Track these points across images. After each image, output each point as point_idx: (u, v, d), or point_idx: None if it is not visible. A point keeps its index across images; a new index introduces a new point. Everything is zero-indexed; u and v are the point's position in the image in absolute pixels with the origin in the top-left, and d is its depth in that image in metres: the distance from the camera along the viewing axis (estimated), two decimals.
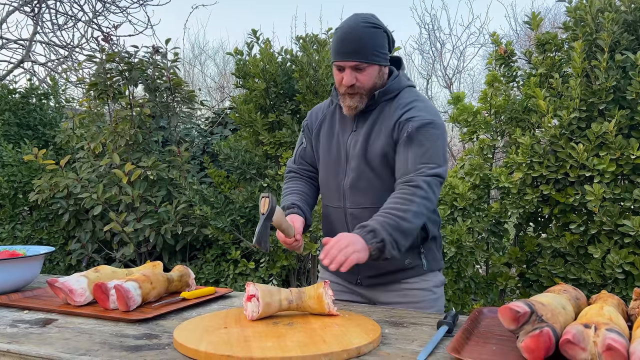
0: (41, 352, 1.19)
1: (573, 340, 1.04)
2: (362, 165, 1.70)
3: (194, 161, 3.89)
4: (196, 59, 12.73)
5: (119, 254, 3.29)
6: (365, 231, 1.47)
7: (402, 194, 1.55)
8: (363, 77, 1.64)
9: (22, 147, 3.82)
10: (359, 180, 1.71)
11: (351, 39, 1.61)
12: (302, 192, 1.85)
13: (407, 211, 1.50)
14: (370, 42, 1.62)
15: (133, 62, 3.35)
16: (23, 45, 6.18)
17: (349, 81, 1.63)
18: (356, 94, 1.66)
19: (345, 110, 1.71)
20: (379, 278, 1.76)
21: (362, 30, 1.61)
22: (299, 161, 1.92)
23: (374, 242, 1.45)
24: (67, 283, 1.56)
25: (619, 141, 2.32)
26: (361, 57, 1.61)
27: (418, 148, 1.59)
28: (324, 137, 1.82)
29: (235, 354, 1.11)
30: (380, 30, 1.64)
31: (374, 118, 1.70)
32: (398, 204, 1.52)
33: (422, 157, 1.58)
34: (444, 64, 8.58)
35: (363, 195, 1.71)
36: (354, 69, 1.63)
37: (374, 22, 1.64)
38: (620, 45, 2.44)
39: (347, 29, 1.62)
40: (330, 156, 1.79)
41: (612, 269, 2.33)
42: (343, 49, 1.62)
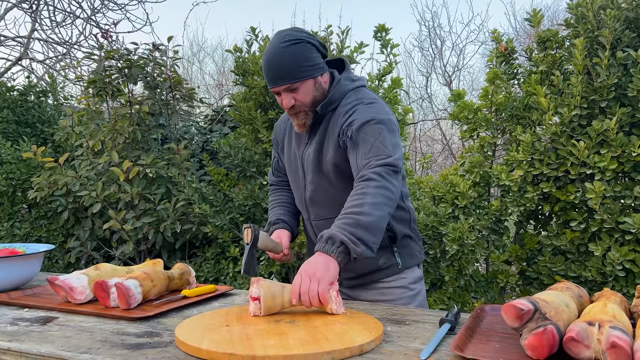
0: (42, 350, 1.19)
1: (577, 337, 1.03)
2: (317, 178, 1.72)
3: (193, 159, 3.88)
4: (195, 56, 12.71)
5: (118, 252, 3.28)
6: (322, 242, 1.43)
7: (354, 191, 1.51)
8: (299, 95, 1.63)
9: (21, 145, 3.80)
10: (317, 192, 1.74)
11: (274, 63, 1.59)
12: (286, 203, 1.92)
13: (362, 205, 1.45)
14: (293, 60, 1.59)
15: (132, 60, 3.33)
16: (21, 43, 6.15)
17: (287, 103, 1.64)
18: (300, 112, 1.67)
19: (297, 129, 1.73)
20: (357, 279, 1.80)
21: (281, 52, 1.58)
22: (276, 174, 1.99)
23: (334, 249, 1.40)
24: (67, 281, 1.55)
25: (619, 139, 2.32)
26: (288, 78, 1.60)
27: (363, 146, 1.56)
28: (286, 151, 1.86)
29: (238, 352, 1.10)
30: (301, 44, 1.60)
31: (323, 130, 1.70)
32: (352, 201, 1.48)
33: (368, 153, 1.55)
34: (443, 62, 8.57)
35: (323, 207, 1.74)
36: (288, 90, 1.62)
37: (293, 38, 1.60)
38: (621, 42, 2.43)
39: (268, 54, 1.61)
40: (291, 170, 1.83)
41: (612, 266, 2.32)
42: (270, 75, 1.62)
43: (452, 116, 3.06)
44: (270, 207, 1.93)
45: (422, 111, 9.11)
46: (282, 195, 1.95)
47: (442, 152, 8.03)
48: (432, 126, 8.80)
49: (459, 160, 3.08)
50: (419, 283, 1.83)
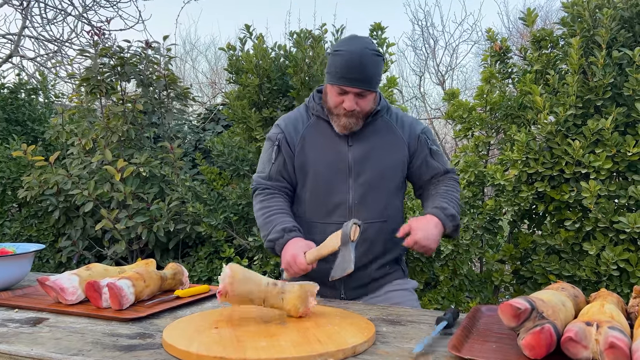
0: (32, 352, 1.16)
1: (575, 338, 1.03)
2: (371, 180, 1.73)
3: (186, 158, 3.85)
4: (187, 54, 12.65)
5: (110, 252, 3.25)
6: (445, 215, 1.66)
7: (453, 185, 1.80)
8: (364, 102, 1.69)
9: (11, 143, 3.76)
10: (368, 194, 1.73)
11: (358, 65, 1.62)
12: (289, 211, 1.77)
13: (459, 199, 1.79)
14: (374, 70, 1.66)
15: (125, 57, 3.30)
16: (11, 40, 6.09)
17: (351, 106, 1.66)
18: (354, 116, 1.69)
19: (339, 130, 1.72)
20: (362, 288, 1.80)
21: (368, 58, 1.64)
22: (275, 177, 1.79)
23: (451, 225, 1.67)
24: (58, 281, 1.52)
25: (614, 138, 2.32)
26: (366, 85, 1.65)
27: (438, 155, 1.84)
28: (315, 152, 1.75)
29: (229, 355, 1.08)
30: (381, 58, 1.69)
31: (370, 133, 1.76)
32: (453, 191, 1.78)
33: (444, 161, 1.84)
34: (436, 61, 8.58)
35: (370, 210, 1.74)
36: (357, 95, 1.66)
37: (377, 50, 1.68)
38: (617, 42, 2.43)
39: (353, 54, 1.63)
40: (327, 172, 1.73)
41: (606, 265, 2.33)
42: (349, 74, 1.63)
43: (446, 115, 3.06)
44: (271, 213, 1.73)
45: (415, 110, 9.12)
46: (281, 201, 1.77)
47: None
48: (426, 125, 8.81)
49: (453, 159, 3.08)
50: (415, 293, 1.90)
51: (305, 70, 3.16)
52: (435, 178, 1.83)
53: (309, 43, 3.23)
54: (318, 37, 3.23)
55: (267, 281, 1.36)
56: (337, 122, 1.71)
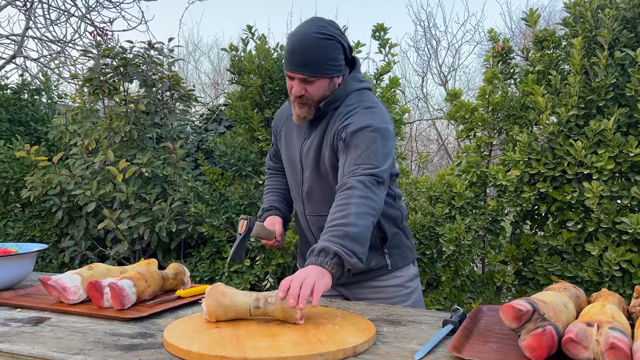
0: (34, 352, 1.17)
1: (576, 339, 1.03)
2: (315, 175, 1.70)
3: (188, 158, 3.86)
4: (190, 55, 12.67)
5: (112, 252, 3.26)
6: (314, 255, 1.38)
7: (337, 201, 1.48)
8: (312, 88, 1.61)
9: (14, 144, 3.77)
10: (314, 189, 1.72)
11: (301, 50, 1.56)
12: (280, 189, 1.93)
13: (348, 216, 1.42)
14: (321, 54, 1.56)
15: (128, 58, 3.31)
16: (15, 41, 6.11)
17: (297, 92, 1.61)
18: (305, 104, 1.64)
19: (295, 119, 1.69)
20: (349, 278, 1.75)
21: (312, 43, 1.55)
22: (273, 159, 1.99)
23: (327, 260, 1.36)
24: (60, 281, 1.53)
25: (617, 139, 2.31)
26: (309, 70, 1.57)
27: (353, 152, 1.54)
28: (285, 141, 1.82)
29: (229, 354, 1.08)
30: (333, 42, 1.57)
31: (323, 127, 1.68)
32: (337, 212, 1.45)
33: (357, 160, 1.53)
34: (439, 62, 8.56)
35: (320, 204, 1.72)
36: (303, 80, 1.60)
37: (328, 33, 1.57)
38: (619, 42, 2.43)
39: (298, 39, 1.57)
40: (289, 162, 1.81)
41: (609, 266, 2.32)
42: (293, 59, 1.58)
43: (448, 116, 3.05)
44: (265, 192, 1.95)
45: (417, 111, 9.12)
46: (276, 181, 1.96)
47: (438, 152, 8.03)
48: (428, 126, 8.80)
49: (455, 160, 3.07)
50: (414, 281, 1.81)
51: None
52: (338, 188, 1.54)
53: None
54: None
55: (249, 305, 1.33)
56: (294, 111, 1.68)
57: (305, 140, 1.72)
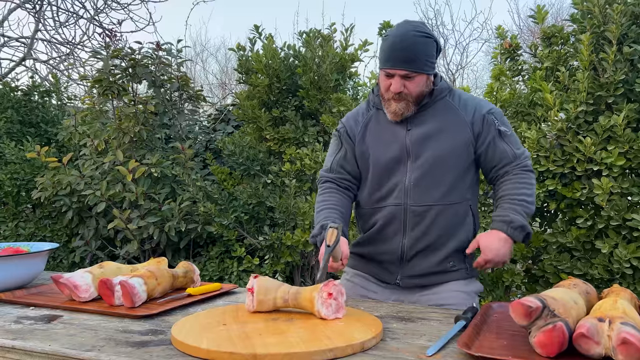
0: (46, 348, 1.18)
1: (587, 334, 1.02)
2: (430, 161, 1.69)
3: (197, 158, 3.88)
4: (198, 56, 12.71)
5: (122, 252, 3.28)
6: (512, 228, 1.60)
7: (523, 178, 1.69)
8: (411, 85, 1.65)
9: (25, 145, 3.81)
10: (425, 177, 1.69)
11: (403, 47, 1.62)
12: (340, 206, 1.77)
13: (533, 195, 1.67)
14: (422, 51, 1.63)
15: (137, 59, 3.33)
16: (25, 43, 6.17)
17: (397, 88, 1.64)
18: (402, 100, 1.67)
19: (390, 116, 1.71)
20: (420, 279, 1.73)
21: (413, 39, 1.62)
22: (337, 170, 1.83)
23: (522, 236, 1.61)
24: (71, 279, 1.55)
25: (627, 134, 2.30)
26: (412, 66, 1.63)
27: (510, 136, 1.73)
28: (374, 139, 1.78)
29: (238, 350, 1.09)
30: (431, 40, 1.65)
31: (430, 115, 1.72)
32: (525, 188, 1.67)
33: (516, 144, 1.73)
34: (447, 60, 8.54)
35: (427, 193, 1.69)
36: (404, 77, 1.64)
37: (425, 31, 1.65)
38: (628, 37, 2.41)
39: (399, 36, 1.63)
40: (387, 156, 1.74)
41: (619, 263, 2.30)
42: (394, 56, 1.63)
43: None
44: (323, 207, 1.76)
45: None
46: (337, 197, 1.79)
47: None
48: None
49: None
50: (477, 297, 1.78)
51: (315, 69, 3.17)
52: (504, 166, 1.71)
53: (318, 42, 3.23)
54: (327, 36, 3.24)
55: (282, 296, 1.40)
56: (388, 109, 1.70)
57: (410, 130, 1.72)
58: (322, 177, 1.87)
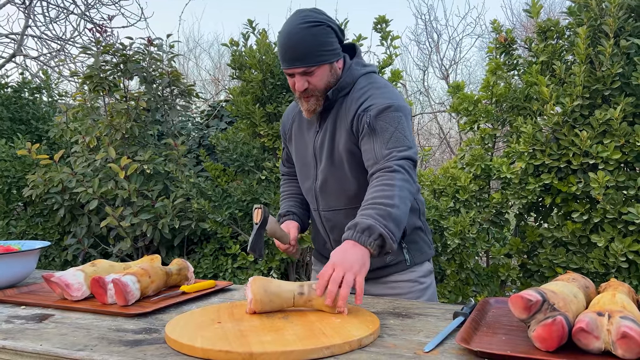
0: (38, 348, 1.16)
1: (586, 328, 1.01)
2: (329, 166, 1.66)
3: (190, 155, 3.84)
4: (191, 52, 12.64)
5: (115, 249, 3.25)
6: (357, 232, 1.35)
7: (380, 181, 1.44)
8: (314, 79, 1.58)
9: (15, 142, 3.76)
10: (329, 181, 1.68)
11: (292, 44, 1.53)
12: (296, 194, 1.88)
13: (393, 197, 1.39)
14: (313, 43, 1.53)
15: (128, 54, 3.29)
16: (15, 39, 6.10)
17: (300, 87, 1.58)
18: (311, 96, 1.61)
19: (305, 114, 1.67)
20: None
21: (301, 33, 1.52)
22: (286, 164, 1.96)
23: (371, 241, 1.34)
24: (63, 278, 1.52)
25: (623, 128, 2.29)
26: (306, 62, 1.54)
27: (382, 135, 1.51)
28: (295, 140, 1.80)
29: (234, 349, 1.06)
30: (322, 27, 1.54)
31: (334, 116, 1.65)
32: (381, 191, 1.42)
33: (388, 142, 1.50)
34: (440, 55, 8.53)
35: (334, 198, 1.68)
36: (303, 74, 1.57)
37: (314, 20, 1.54)
38: (624, 31, 2.40)
39: (287, 34, 1.55)
40: (301, 159, 1.77)
41: (615, 257, 2.30)
42: (287, 56, 1.55)
43: (452, 108, 3.03)
44: (281, 199, 1.92)
45: (419, 105, 9.08)
46: (292, 186, 1.91)
47: (440, 147, 8.00)
48: (429, 120, 8.77)
49: (459, 153, 3.05)
50: (429, 277, 1.77)
51: None
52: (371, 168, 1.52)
53: None
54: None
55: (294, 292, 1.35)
56: (302, 107, 1.66)
57: (318, 134, 1.69)
58: (280, 170, 2.00)
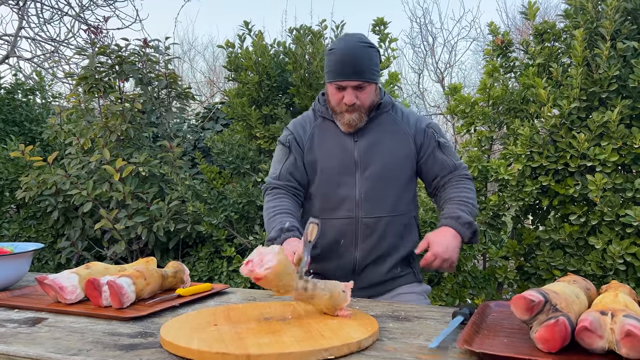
0: (30, 353, 1.13)
1: (590, 327, 1.00)
2: (378, 173, 1.73)
3: (186, 157, 3.82)
4: (185, 54, 12.61)
5: (109, 252, 3.21)
6: (460, 224, 1.64)
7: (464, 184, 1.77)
8: (363, 95, 1.69)
9: (9, 144, 3.72)
10: (375, 188, 1.73)
11: (351, 59, 1.65)
12: (295, 211, 1.79)
13: (474, 199, 1.74)
14: (369, 61, 1.67)
15: (124, 56, 3.27)
16: (8, 41, 6.05)
17: (350, 100, 1.67)
18: (355, 111, 1.70)
19: (344, 128, 1.74)
20: (370, 289, 1.77)
21: (361, 50, 1.66)
22: (286, 177, 1.82)
23: (469, 234, 1.65)
24: (57, 280, 1.49)
25: (620, 130, 2.29)
26: (362, 76, 1.66)
27: (448, 148, 1.81)
28: (322, 149, 1.79)
29: (231, 351, 1.05)
30: (374, 49, 1.70)
31: (375, 127, 1.77)
32: (469, 192, 1.74)
33: (454, 155, 1.81)
34: (435, 58, 8.55)
35: (378, 204, 1.74)
36: (355, 88, 1.67)
37: (369, 42, 1.70)
38: (620, 33, 2.41)
39: (346, 50, 1.67)
40: (335, 168, 1.76)
41: (613, 260, 2.30)
42: (344, 69, 1.66)
43: (448, 110, 3.03)
44: (275, 212, 1.75)
45: (415, 108, 9.10)
46: (288, 202, 1.79)
47: None
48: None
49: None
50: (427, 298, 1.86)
51: (305, 66, 3.13)
52: (445, 176, 1.80)
53: (308, 39, 3.20)
54: (318, 33, 3.20)
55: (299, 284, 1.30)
56: (341, 121, 1.74)
57: (357, 142, 1.76)
58: (269, 184, 1.84)
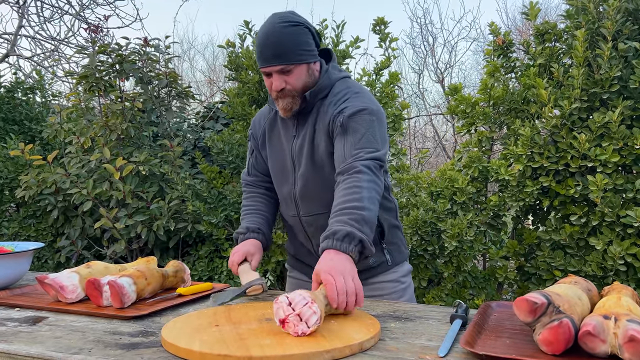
0: (31, 351, 1.13)
1: (593, 332, 1.00)
2: (310, 170, 1.65)
3: (186, 156, 3.81)
4: (185, 53, 12.60)
5: (109, 251, 3.21)
6: (337, 239, 1.35)
7: (347, 183, 1.45)
8: (291, 79, 1.57)
9: (8, 143, 3.71)
10: (309, 186, 1.66)
11: (271, 42, 1.54)
12: (263, 211, 1.79)
13: (362, 199, 1.41)
14: (292, 42, 1.54)
15: (124, 55, 3.26)
16: (8, 40, 6.04)
17: (278, 86, 1.57)
18: (287, 95, 1.60)
19: (282, 113, 1.65)
20: None
21: (280, 32, 1.53)
22: (253, 173, 1.85)
23: (352, 247, 1.35)
24: (57, 279, 1.49)
25: (622, 131, 2.29)
26: (285, 59, 1.54)
27: (353, 135, 1.52)
28: (270, 145, 1.77)
29: (233, 353, 1.04)
30: (300, 27, 1.56)
31: (312, 120, 1.64)
32: (350, 194, 1.42)
33: (357, 144, 1.51)
34: (435, 59, 8.54)
35: (315, 202, 1.67)
36: (281, 72, 1.56)
37: (293, 20, 1.56)
38: (622, 34, 2.41)
39: (265, 33, 1.56)
40: (278, 165, 1.74)
41: (613, 260, 2.30)
42: (265, 54, 1.55)
43: (449, 110, 3.02)
44: (247, 212, 1.79)
45: (415, 108, 9.09)
46: (257, 201, 1.81)
47: (435, 150, 8.00)
48: (425, 123, 8.77)
49: (456, 155, 3.04)
50: (408, 276, 1.81)
51: None
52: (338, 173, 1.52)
53: None
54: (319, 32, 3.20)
55: None
56: (278, 107, 1.64)
57: (295, 138, 1.68)
58: (243, 179, 1.87)
